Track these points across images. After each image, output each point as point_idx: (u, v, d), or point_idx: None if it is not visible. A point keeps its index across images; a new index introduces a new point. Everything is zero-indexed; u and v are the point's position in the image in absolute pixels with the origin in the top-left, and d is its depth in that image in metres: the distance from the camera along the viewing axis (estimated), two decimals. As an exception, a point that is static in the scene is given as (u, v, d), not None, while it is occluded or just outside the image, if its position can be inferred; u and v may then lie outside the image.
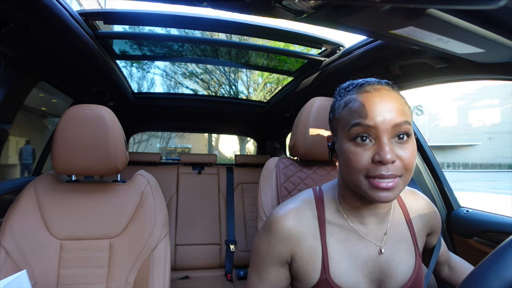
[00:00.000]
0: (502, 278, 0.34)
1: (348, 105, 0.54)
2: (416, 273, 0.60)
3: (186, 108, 2.17)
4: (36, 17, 0.82)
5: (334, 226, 0.60)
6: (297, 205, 0.62)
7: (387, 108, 0.51)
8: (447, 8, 0.49)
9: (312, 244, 0.58)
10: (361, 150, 0.51)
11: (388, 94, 0.53)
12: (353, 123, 0.52)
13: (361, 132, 0.51)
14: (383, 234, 0.60)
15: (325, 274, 0.57)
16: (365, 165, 0.51)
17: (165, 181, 2.02)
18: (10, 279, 0.65)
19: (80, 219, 0.96)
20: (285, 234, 0.58)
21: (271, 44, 1.90)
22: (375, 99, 0.51)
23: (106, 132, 0.92)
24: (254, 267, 0.63)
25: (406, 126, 0.51)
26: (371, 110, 0.51)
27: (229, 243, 1.96)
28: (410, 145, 0.52)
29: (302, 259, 0.58)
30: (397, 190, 0.51)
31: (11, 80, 1.01)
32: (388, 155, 0.48)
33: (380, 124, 0.50)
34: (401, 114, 0.51)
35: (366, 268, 0.58)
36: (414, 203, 0.66)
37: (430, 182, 1.24)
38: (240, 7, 0.54)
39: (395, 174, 0.50)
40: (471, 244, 1.05)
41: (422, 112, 19.41)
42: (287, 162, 1.04)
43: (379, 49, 0.99)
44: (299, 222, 0.59)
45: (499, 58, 0.71)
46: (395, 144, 0.51)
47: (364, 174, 0.51)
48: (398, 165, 0.50)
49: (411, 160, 0.51)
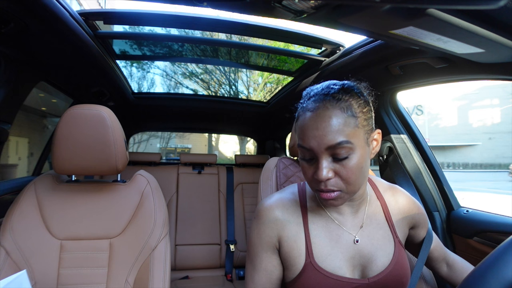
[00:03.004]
0: (502, 278, 0.34)
1: (298, 121, 0.59)
2: (396, 259, 0.64)
3: (186, 108, 2.17)
4: (36, 17, 0.82)
5: (315, 215, 0.66)
6: (282, 195, 0.69)
7: (321, 132, 0.53)
8: (447, 8, 0.49)
9: (296, 229, 0.64)
10: (308, 166, 0.58)
11: (326, 113, 0.54)
12: (298, 144, 0.58)
13: (304, 153, 0.57)
14: (359, 224, 0.65)
15: (310, 258, 0.62)
16: (310, 179, 0.58)
17: (165, 181, 2.02)
18: (10, 279, 0.65)
19: (80, 219, 0.96)
20: (272, 218, 0.65)
21: (271, 44, 1.90)
22: (311, 123, 0.55)
23: (106, 132, 0.92)
24: (249, 259, 0.68)
25: (340, 148, 0.53)
26: (307, 134, 0.55)
27: (229, 243, 1.96)
28: (350, 161, 0.54)
29: (288, 245, 0.64)
30: (340, 199, 0.57)
31: (11, 80, 1.01)
32: (322, 175, 0.53)
33: (315, 148, 0.54)
34: (337, 134, 0.53)
35: (347, 253, 0.63)
36: (392, 197, 0.71)
37: (430, 182, 1.24)
38: (240, 7, 0.54)
39: (333, 188, 0.55)
40: (471, 244, 1.05)
41: (422, 112, 19.42)
42: (287, 162, 1.04)
43: (379, 49, 0.99)
44: (284, 209, 0.66)
45: (499, 58, 0.71)
46: (333, 162, 0.55)
47: (313, 186, 0.58)
48: (336, 180, 0.55)
49: (349, 176, 0.54)
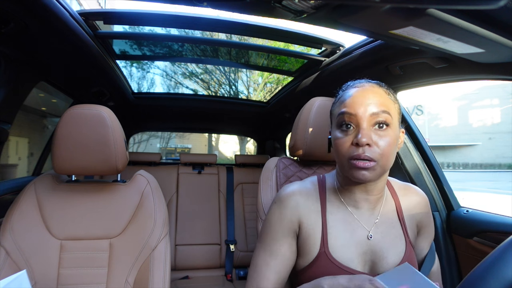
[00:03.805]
0: (502, 278, 0.34)
1: (339, 99, 0.64)
2: (407, 258, 0.65)
3: (186, 108, 2.17)
4: (36, 17, 0.81)
5: (333, 206, 0.68)
6: (303, 184, 0.72)
7: (368, 100, 0.59)
8: (447, 8, 0.49)
9: (315, 218, 0.66)
10: (345, 135, 0.60)
11: (372, 90, 0.61)
12: (339, 112, 0.61)
13: (345, 119, 0.60)
14: (374, 220, 0.67)
15: (324, 248, 0.63)
16: (347, 148, 0.59)
17: (165, 181, 2.02)
18: (10, 279, 0.65)
19: (80, 219, 0.96)
20: (294, 204, 0.67)
21: (271, 44, 1.90)
22: (358, 93, 0.61)
23: (106, 132, 0.92)
24: (265, 244, 0.68)
25: (385, 115, 0.58)
26: (353, 101, 0.60)
27: (229, 243, 1.96)
28: (388, 134, 0.58)
29: (306, 231, 0.66)
30: (373, 171, 0.58)
31: (11, 80, 1.01)
32: (364, 138, 0.56)
33: (360, 112, 0.58)
34: (381, 105, 0.59)
35: (360, 248, 0.64)
36: (405, 196, 0.73)
37: (430, 182, 1.24)
38: (240, 7, 0.54)
39: (370, 157, 0.57)
40: (471, 244, 1.05)
41: (422, 112, 19.42)
42: (287, 162, 1.04)
43: (379, 49, 0.99)
44: (306, 197, 0.68)
45: (499, 58, 0.71)
46: (374, 131, 0.58)
47: (347, 156, 0.59)
48: (374, 149, 0.57)
49: (386, 148, 0.58)
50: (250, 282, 0.67)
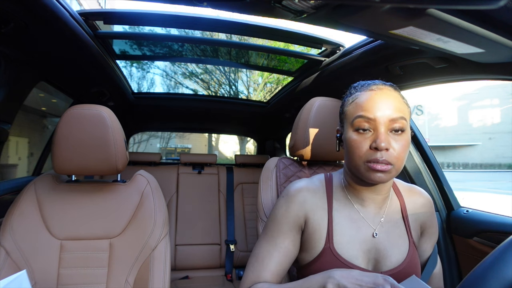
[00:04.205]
0: (502, 278, 0.34)
1: (355, 100, 0.63)
2: (410, 258, 0.65)
3: (186, 108, 2.17)
4: (36, 17, 0.81)
5: (340, 203, 0.69)
6: (311, 181, 0.73)
7: (386, 105, 0.59)
8: (447, 8, 0.49)
9: (321, 214, 0.67)
10: (362, 139, 0.60)
11: (389, 93, 0.61)
12: (357, 115, 0.61)
13: (363, 123, 0.60)
14: (380, 219, 0.68)
15: (329, 243, 0.64)
16: (364, 151, 0.59)
17: (165, 181, 2.02)
18: (10, 279, 0.65)
19: (80, 219, 0.96)
20: (301, 199, 0.68)
21: (271, 44, 1.90)
22: (377, 97, 0.60)
23: (106, 132, 0.92)
24: (269, 235, 0.69)
25: (402, 121, 0.59)
26: (373, 105, 0.60)
27: (229, 243, 1.96)
28: (403, 139, 0.59)
29: (312, 227, 0.67)
30: (389, 174, 0.59)
31: (11, 80, 1.01)
32: (383, 143, 0.57)
33: (379, 117, 0.59)
34: (398, 111, 0.59)
35: (365, 245, 0.65)
36: (409, 198, 0.73)
37: (430, 182, 1.24)
38: (240, 7, 0.54)
39: (388, 160, 0.58)
40: (471, 244, 1.05)
41: (422, 112, 19.41)
42: (287, 162, 1.04)
43: (379, 49, 0.99)
44: (312, 194, 0.69)
45: (499, 58, 0.71)
46: (391, 135, 0.59)
47: (363, 159, 0.59)
48: (391, 153, 0.58)
49: (402, 152, 0.59)
50: (250, 270, 0.67)
